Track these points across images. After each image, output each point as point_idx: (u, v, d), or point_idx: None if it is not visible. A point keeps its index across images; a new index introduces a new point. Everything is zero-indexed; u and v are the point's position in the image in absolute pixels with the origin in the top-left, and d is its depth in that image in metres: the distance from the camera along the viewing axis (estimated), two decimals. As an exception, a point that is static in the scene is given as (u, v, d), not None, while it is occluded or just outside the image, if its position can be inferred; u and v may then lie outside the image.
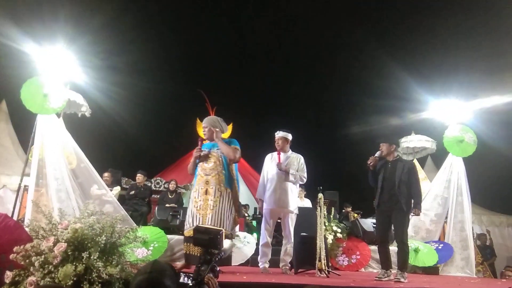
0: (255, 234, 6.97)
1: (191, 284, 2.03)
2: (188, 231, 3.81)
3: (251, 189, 10.85)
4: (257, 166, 5.40)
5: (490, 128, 7.26)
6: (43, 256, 2.63)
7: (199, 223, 3.70)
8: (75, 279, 2.56)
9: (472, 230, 6.73)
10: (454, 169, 6.59)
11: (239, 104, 11.87)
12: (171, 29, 11.54)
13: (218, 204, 3.73)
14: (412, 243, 6.15)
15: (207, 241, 2.20)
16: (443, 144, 6.72)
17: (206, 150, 4.08)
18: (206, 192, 3.81)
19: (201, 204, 3.80)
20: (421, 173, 8.39)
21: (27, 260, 2.64)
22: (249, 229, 8.24)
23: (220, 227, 3.62)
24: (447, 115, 6.91)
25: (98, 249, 2.71)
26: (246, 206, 9.58)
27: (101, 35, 8.57)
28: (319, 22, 11.59)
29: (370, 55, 10.70)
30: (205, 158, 4.01)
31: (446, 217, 6.66)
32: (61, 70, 5.40)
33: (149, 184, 8.99)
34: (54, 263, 2.61)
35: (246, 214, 9.20)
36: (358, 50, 11.08)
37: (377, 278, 4.44)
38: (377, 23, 11.25)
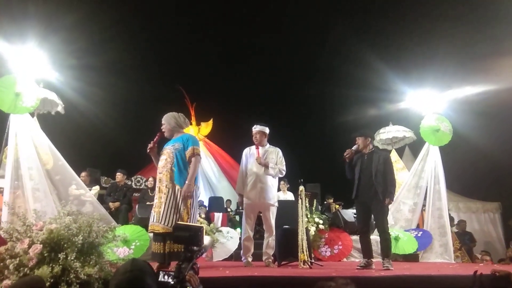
0: (238, 229, 6.98)
1: (172, 282, 2.02)
2: (150, 227, 3.84)
3: (233, 184, 10.84)
4: (240, 160, 5.39)
5: (463, 118, 7.45)
6: (18, 259, 2.58)
7: (153, 221, 3.76)
8: (52, 280, 2.52)
9: (450, 216, 6.91)
10: (431, 158, 6.73)
11: (219, 99, 11.79)
12: (148, 28, 11.36)
13: (165, 201, 3.74)
14: (392, 232, 6.26)
15: (188, 238, 2.20)
16: (419, 134, 6.85)
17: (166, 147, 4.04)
18: (159, 190, 3.85)
19: (156, 202, 3.85)
20: (399, 163, 8.56)
21: (1, 264, 2.58)
22: (232, 224, 8.25)
23: (165, 224, 3.65)
24: (423, 105, 7.05)
25: (75, 250, 2.67)
26: (227, 202, 9.57)
27: (75, 34, 8.35)
28: (300, 14, 11.58)
29: (350, 48, 10.75)
30: (158, 152, 4.05)
31: (424, 205, 6.82)
32: (34, 69, 5.26)
33: (130, 183, 8.88)
34: (29, 266, 2.56)
35: (229, 209, 9.20)
36: (339, 42, 11.11)
37: (359, 267, 4.53)
38: (357, 15, 11.30)
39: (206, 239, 2.41)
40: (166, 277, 2.04)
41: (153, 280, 1.88)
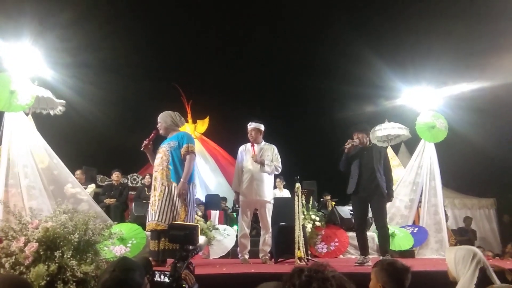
0: (235, 227, 6.97)
1: (168, 281, 2.03)
2: (147, 225, 3.90)
3: (230, 182, 10.81)
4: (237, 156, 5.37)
5: (459, 114, 7.47)
6: (13, 257, 2.57)
7: (150, 219, 3.81)
8: (48, 279, 2.51)
9: (445, 213, 6.94)
10: (426, 155, 6.74)
11: (215, 96, 11.77)
12: (144, 25, 11.32)
13: (161, 199, 3.77)
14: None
15: (183, 237, 2.20)
16: (415, 130, 6.86)
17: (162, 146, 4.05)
18: (154, 188, 3.89)
19: (152, 200, 3.90)
20: (395, 160, 8.58)
21: (-3, 262, 2.57)
22: (229, 221, 8.25)
23: (161, 221, 3.69)
24: (419, 102, 7.06)
25: (71, 248, 2.67)
26: (223, 200, 9.54)
27: (70, 31, 8.30)
28: (297, 10, 11.56)
29: (347, 44, 10.75)
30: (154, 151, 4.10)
31: (420, 202, 6.84)
32: (29, 66, 5.22)
33: (126, 181, 8.85)
34: (25, 264, 2.55)
35: (225, 206, 9.17)
36: (336, 38, 11.09)
37: (357, 264, 4.51)
38: (354, 11, 11.30)
39: (201, 238, 2.42)
40: (162, 276, 2.05)
41: (142, 276, 1.85)
